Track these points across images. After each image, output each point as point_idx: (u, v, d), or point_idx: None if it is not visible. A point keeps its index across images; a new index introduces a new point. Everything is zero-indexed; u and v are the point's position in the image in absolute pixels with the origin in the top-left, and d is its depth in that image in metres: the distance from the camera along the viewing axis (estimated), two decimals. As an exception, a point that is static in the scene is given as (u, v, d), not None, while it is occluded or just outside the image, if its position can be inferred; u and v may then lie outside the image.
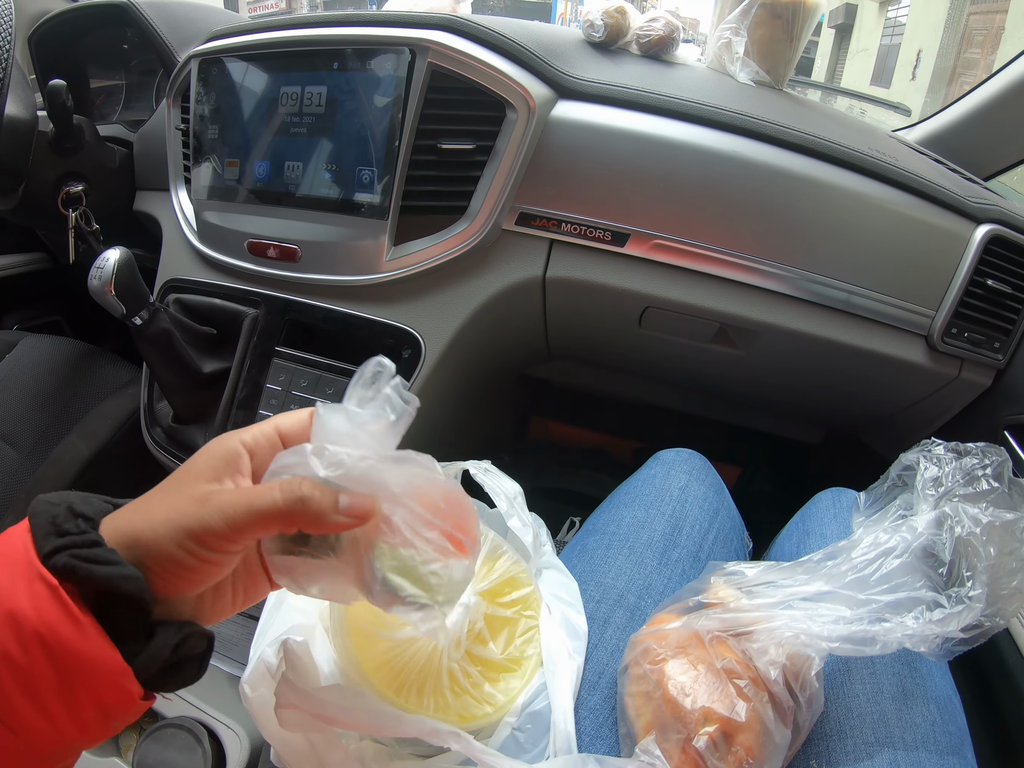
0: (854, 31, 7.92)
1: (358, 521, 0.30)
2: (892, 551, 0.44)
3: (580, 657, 0.49)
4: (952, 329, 0.69)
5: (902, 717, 0.44)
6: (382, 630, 0.45)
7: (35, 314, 1.22)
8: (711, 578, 0.47)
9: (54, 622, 0.26)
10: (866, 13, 7.69)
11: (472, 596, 0.48)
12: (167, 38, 0.90)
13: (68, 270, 1.21)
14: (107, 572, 0.26)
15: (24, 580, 0.26)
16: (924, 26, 6.36)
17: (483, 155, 0.67)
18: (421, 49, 0.65)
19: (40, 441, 0.86)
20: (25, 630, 0.25)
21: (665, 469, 0.63)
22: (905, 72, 6.51)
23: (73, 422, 0.88)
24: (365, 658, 0.43)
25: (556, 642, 0.49)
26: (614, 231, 0.68)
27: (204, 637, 0.30)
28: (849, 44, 7.91)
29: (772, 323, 0.69)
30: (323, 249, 0.72)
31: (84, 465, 0.83)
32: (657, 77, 0.74)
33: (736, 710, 0.40)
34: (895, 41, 7.08)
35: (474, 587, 0.49)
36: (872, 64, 7.39)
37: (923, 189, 0.68)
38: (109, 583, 0.26)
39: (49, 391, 0.91)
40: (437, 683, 0.44)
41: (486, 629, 0.49)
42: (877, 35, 7.51)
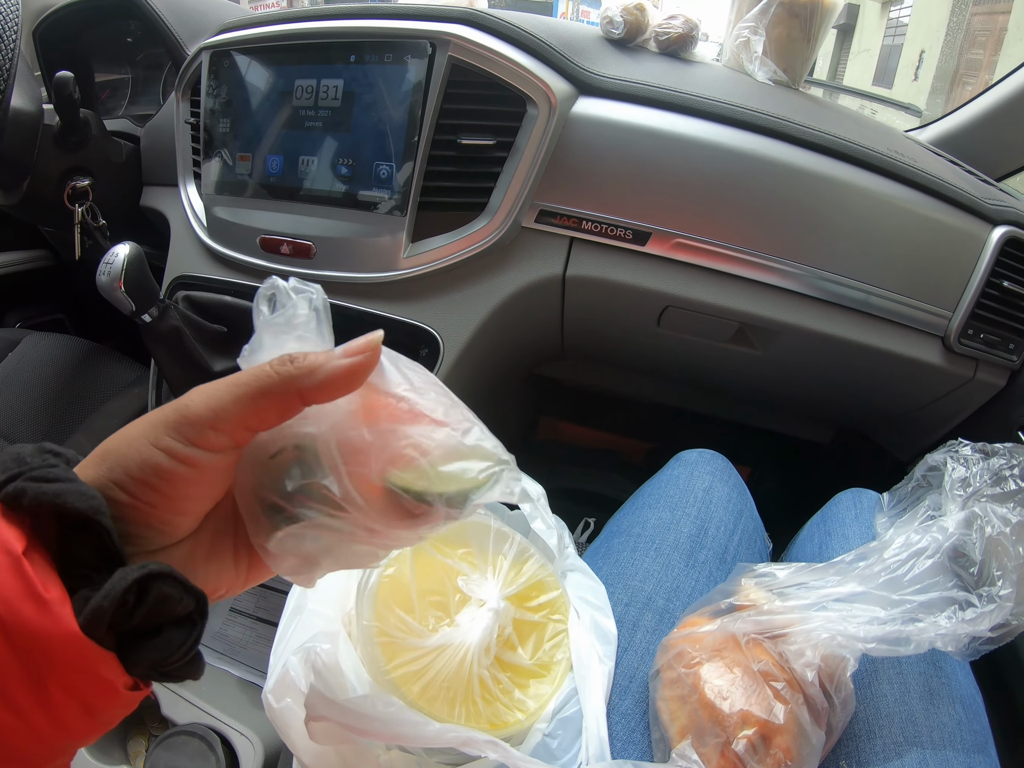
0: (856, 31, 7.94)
1: (366, 359, 0.25)
2: (924, 551, 0.44)
3: (610, 662, 0.48)
4: (968, 330, 0.69)
5: (929, 716, 0.44)
6: (411, 637, 0.44)
7: (38, 312, 1.20)
8: (741, 580, 0.47)
9: (13, 598, 0.20)
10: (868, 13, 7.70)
11: (501, 601, 0.47)
12: (176, 31, 0.88)
13: (71, 267, 1.20)
14: (56, 488, 0.22)
15: None
16: (926, 27, 6.38)
17: (503, 151, 0.65)
18: (442, 42, 0.64)
19: (44, 440, 0.84)
20: None
21: (688, 470, 0.62)
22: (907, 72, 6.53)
23: (78, 421, 0.86)
24: (393, 667, 0.42)
25: (586, 647, 0.49)
26: (635, 230, 0.67)
27: (183, 591, 0.23)
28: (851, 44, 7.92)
29: (791, 323, 0.68)
30: (338, 245, 0.70)
31: (90, 465, 0.81)
32: (676, 75, 0.73)
33: (774, 712, 0.40)
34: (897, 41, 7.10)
35: (502, 592, 0.48)
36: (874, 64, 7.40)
37: (941, 190, 0.67)
38: (57, 499, 0.21)
39: (53, 390, 0.89)
40: (468, 691, 0.43)
41: (515, 634, 0.48)
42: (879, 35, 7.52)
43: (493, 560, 0.51)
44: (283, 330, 0.28)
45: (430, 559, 0.49)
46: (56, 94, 0.79)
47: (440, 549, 0.49)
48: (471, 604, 0.47)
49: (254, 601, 0.88)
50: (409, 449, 0.26)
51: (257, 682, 0.78)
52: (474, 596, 0.48)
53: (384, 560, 0.37)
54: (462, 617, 0.47)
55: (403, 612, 0.45)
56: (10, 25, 0.66)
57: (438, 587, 0.48)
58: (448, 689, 0.42)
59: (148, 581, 0.22)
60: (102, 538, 0.22)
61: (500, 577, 0.50)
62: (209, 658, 0.82)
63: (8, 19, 0.66)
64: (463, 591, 0.48)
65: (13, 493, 0.22)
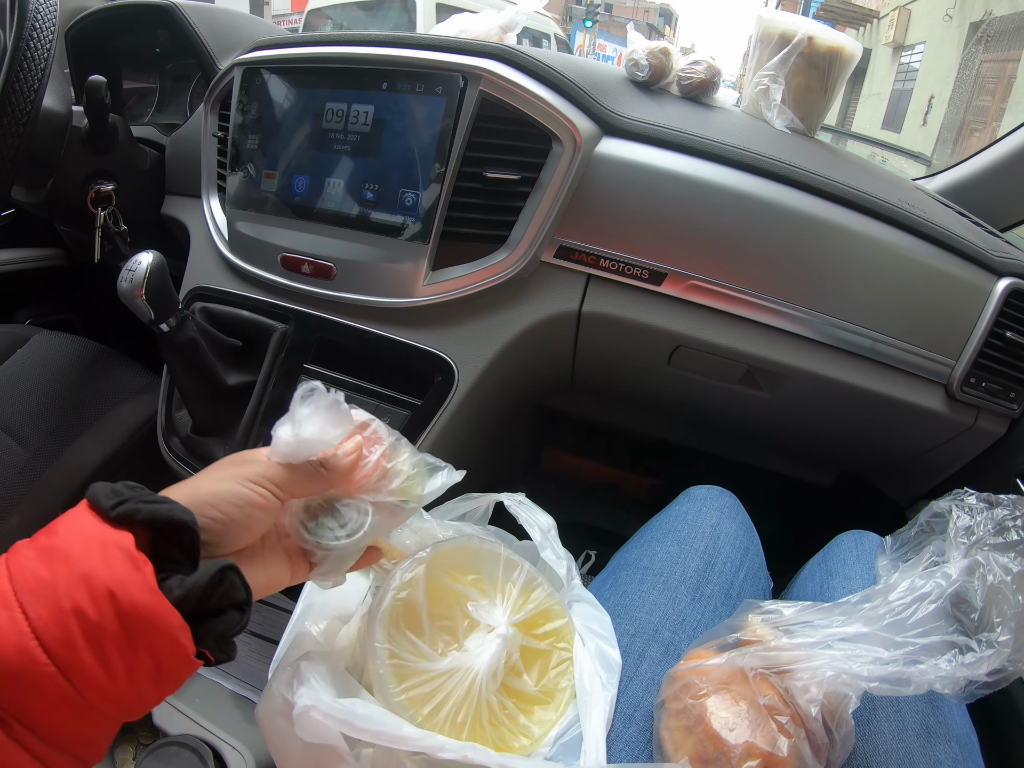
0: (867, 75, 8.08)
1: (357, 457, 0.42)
2: (927, 596, 0.45)
3: (613, 689, 0.49)
4: (971, 379, 0.70)
5: (926, 754, 0.45)
6: (421, 661, 0.44)
7: (48, 310, 1.20)
8: (748, 616, 0.48)
9: (125, 580, 0.29)
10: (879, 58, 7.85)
11: (509, 628, 0.47)
12: (209, 43, 0.89)
13: (84, 268, 1.20)
14: (165, 507, 0.31)
15: (97, 544, 0.29)
16: (936, 72, 6.50)
17: (527, 186, 0.67)
18: (473, 77, 0.65)
19: (49, 440, 0.84)
20: (97, 587, 0.28)
21: (697, 506, 0.63)
22: (916, 117, 6.64)
23: (85, 424, 0.86)
24: (403, 689, 0.43)
25: (589, 673, 0.49)
26: (652, 269, 0.68)
27: (243, 584, 0.33)
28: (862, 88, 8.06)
29: (799, 367, 0.70)
30: (359, 269, 0.71)
31: (96, 469, 0.81)
32: (698, 119, 0.75)
33: (778, 745, 0.41)
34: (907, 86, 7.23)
35: (510, 619, 0.49)
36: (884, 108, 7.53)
37: (949, 242, 0.69)
38: (170, 514, 0.31)
39: (61, 390, 0.90)
40: (476, 715, 0.44)
41: (521, 661, 0.48)
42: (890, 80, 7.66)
43: (502, 587, 0.52)
44: (312, 415, 0.40)
45: (441, 584, 0.49)
46: (88, 97, 0.80)
47: (451, 575, 0.50)
48: (480, 630, 0.48)
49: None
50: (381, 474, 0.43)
51: (250, 696, 0.78)
52: (483, 622, 0.48)
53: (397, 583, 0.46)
54: (471, 642, 0.47)
55: (414, 636, 0.46)
56: (47, 25, 0.67)
57: (448, 612, 0.49)
58: (456, 713, 0.43)
59: (225, 571, 0.32)
60: (191, 543, 0.32)
61: (509, 604, 0.50)
62: (202, 671, 0.81)
63: (46, 19, 0.67)
64: (472, 616, 0.49)
65: (127, 511, 0.31)
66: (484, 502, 0.64)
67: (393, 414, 0.69)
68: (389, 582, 0.47)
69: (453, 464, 0.75)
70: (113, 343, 1.02)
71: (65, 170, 0.85)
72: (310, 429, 0.39)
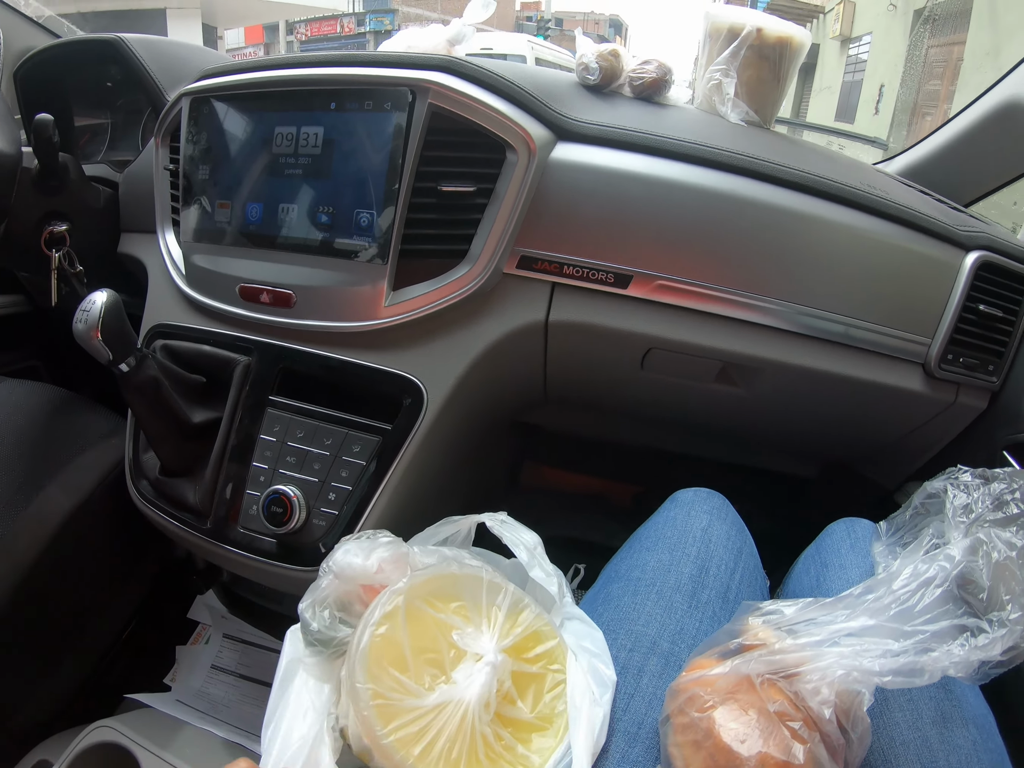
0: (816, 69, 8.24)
1: None
2: (932, 580, 0.44)
3: (606, 705, 0.47)
4: (948, 355, 0.70)
5: (944, 740, 0.44)
6: (407, 698, 0.42)
7: (12, 358, 1.17)
8: (748, 619, 0.46)
9: None
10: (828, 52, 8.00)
11: (498, 655, 0.46)
12: (157, 77, 0.88)
13: (47, 314, 1.17)
14: None
15: None
16: (885, 62, 6.64)
17: (483, 197, 0.66)
18: (421, 90, 0.64)
19: (18, 493, 0.82)
20: None
21: (685, 510, 0.62)
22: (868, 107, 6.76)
23: (52, 473, 0.83)
24: (391, 730, 0.41)
25: (581, 689, 0.48)
26: (617, 273, 0.67)
27: None
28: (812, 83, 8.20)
29: (774, 359, 0.69)
30: (319, 294, 0.70)
31: (66, 519, 0.78)
32: (652, 118, 0.74)
33: (793, 752, 0.39)
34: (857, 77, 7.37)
35: (498, 644, 0.47)
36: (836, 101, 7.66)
37: (915, 220, 0.69)
38: None
39: (27, 439, 0.87)
40: (471, 750, 0.42)
41: (514, 688, 0.47)
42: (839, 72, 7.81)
43: (487, 612, 0.50)
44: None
45: (422, 615, 0.47)
46: (36, 137, 0.78)
47: (432, 604, 0.48)
48: (467, 659, 0.46)
49: (236, 657, 0.85)
50: None
51: (242, 743, 0.75)
52: (470, 651, 0.47)
53: (375, 619, 0.44)
54: (458, 673, 0.45)
55: (397, 671, 0.44)
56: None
57: (432, 644, 0.47)
58: (450, 749, 0.41)
59: None
60: None
61: (496, 629, 0.49)
62: (191, 718, 0.79)
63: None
64: (458, 646, 0.47)
65: None
66: (465, 525, 0.62)
67: (364, 441, 0.67)
68: (367, 618, 0.46)
69: (430, 486, 0.75)
70: (80, 388, 1.00)
71: (17, 213, 0.83)
72: None
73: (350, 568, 0.49)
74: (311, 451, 0.68)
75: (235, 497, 0.70)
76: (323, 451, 0.68)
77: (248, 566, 0.70)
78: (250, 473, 0.70)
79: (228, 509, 0.70)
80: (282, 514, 0.66)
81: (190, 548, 0.77)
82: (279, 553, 0.68)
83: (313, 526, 0.67)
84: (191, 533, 0.72)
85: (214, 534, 0.71)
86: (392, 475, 0.66)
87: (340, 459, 0.68)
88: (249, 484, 0.70)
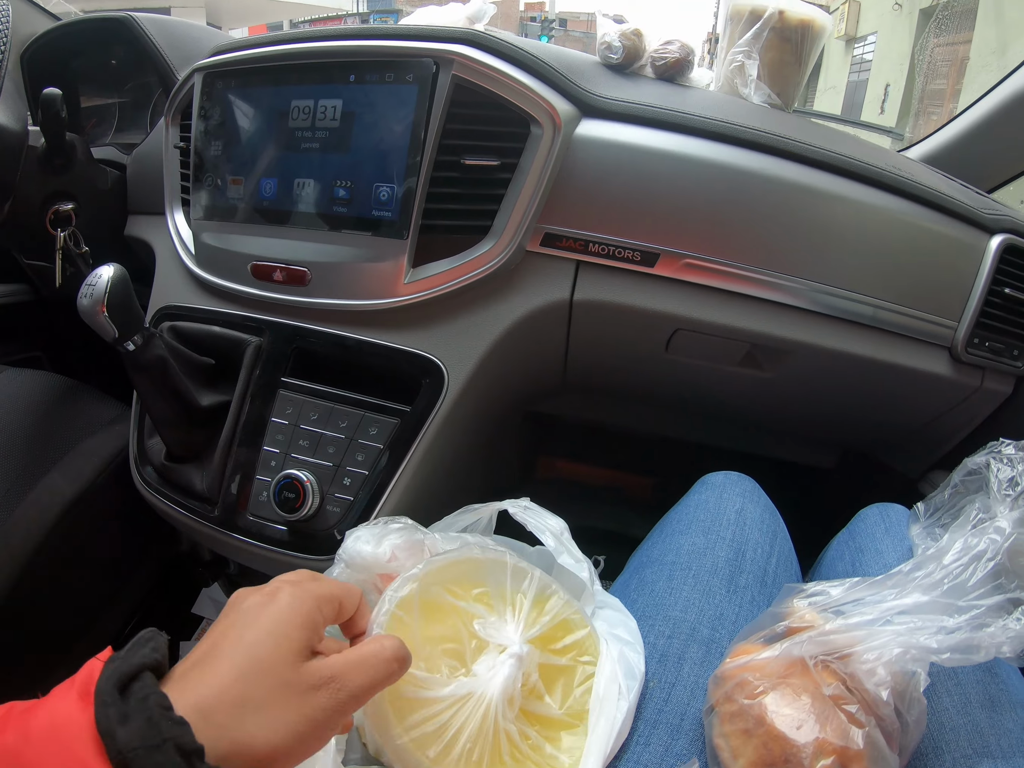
0: (822, 70, 8.28)
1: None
2: (983, 554, 0.43)
3: (633, 699, 0.44)
4: (974, 339, 0.70)
5: (995, 725, 0.43)
6: (423, 690, 0.39)
7: (14, 349, 1.15)
8: (793, 601, 0.44)
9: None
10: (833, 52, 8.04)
11: (523, 645, 0.42)
12: (168, 55, 0.86)
13: (51, 303, 1.15)
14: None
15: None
16: (890, 61, 6.67)
17: (507, 172, 0.63)
18: (445, 62, 0.62)
19: (19, 481, 0.79)
20: None
21: (717, 493, 0.60)
22: (874, 107, 6.78)
23: (54, 460, 0.81)
24: (406, 728, 0.38)
25: (608, 677, 0.44)
26: (643, 251, 0.65)
27: None
28: (817, 82, 8.24)
29: (802, 341, 0.67)
30: (335, 271, 0.67)
31: (67, 507, 0.75)
32: (676, 98, 0.72)
33: (851, 737, 0.37)
34: (862, 77, 7.40)
35: (524, 634, 0.44)
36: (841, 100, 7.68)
37: (940, 202, 0.68)
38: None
39: (29, 427, 0.84)
40: (495, 750, 0.39)
41: (541, 682, 0.43)
42: (844, 72, 7.85)
43: (512, 599, 0.46)
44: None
45: (440, 602, 0.44)
46: (43, 112, 0.76)
47: (451, 591, 0.45)
48: (490, 651, 0.43)
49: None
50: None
51: None
52: (493, 641, 0.43)
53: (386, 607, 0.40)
54: (480, 666, 0.42)
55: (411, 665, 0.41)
56: (0, 35, 0.63)
57: (451, 634, 0.43)
58: (471, 750, 0.38)
59: None
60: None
61: (521, 618, 0.45)
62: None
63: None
64: (480, 636, 0.43)
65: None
66: (486, 512, 0.59)
67: (382, 423, 0.65)
68: (379, 608, 0.42)
69: (448, 474, 0.72)
70: (84, 380, 0.97)
71: (22, 192, 0.81)
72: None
73: (360, 556, 0.46)
74: (325, 434, 0.66)
75: (245, 483, 0.67)
76: (338, 434, 0.65)
77: (258, 555, 0.67)
78: (261, 458, 0.67)
79: (237, 496, 0.67)
80: (294, 500, 0.63)
81: (196, 537, 0.75)
82: (291, 541, 0.65)
83: (327, 512, 0.64)
84: (198, 521, 0.70)
85: (222, 522, 0.68)
86: (411, 459, 0.64)
87: (356, 442, 0.65)
88: (260, 469, 0.67)
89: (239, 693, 0.26)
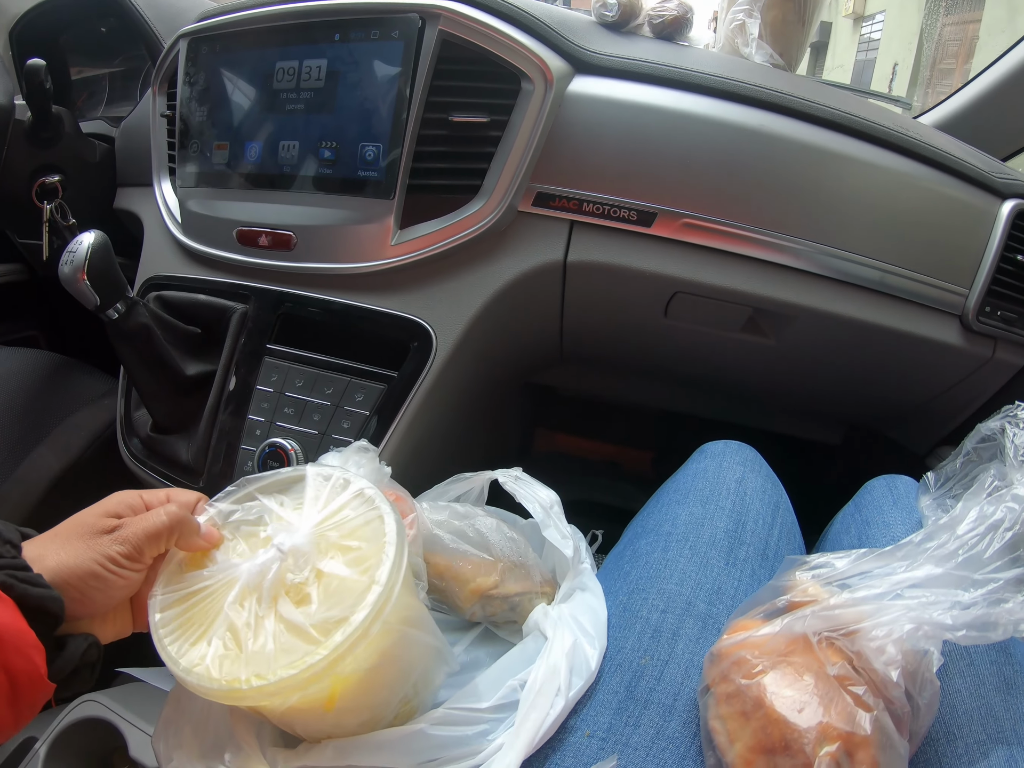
0: (829, 48, 8.14)
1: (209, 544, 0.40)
2: (1000, 523, 0.39)
3: (573, 697, 0.41)
4: (986, 307, 0.67)
5: (1009, 709, 0.40)
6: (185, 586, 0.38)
7: (10, 328, 1.14)
8: (795, 574, 0.41)
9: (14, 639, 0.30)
10: (840, 30, 7.91)
11: (295, 537, 0.38)
12: (155, 26, 0.85)
13: (46, 282, 1.14)
14: (39, 593, 0.32)
15: None
16: (898, 40, 6.56)
17: (497, 129, 0.61)
18: (431, 16, 0.60)
19: (10, 457, 0.78)
20: None
21: (716, 462, 0.57)
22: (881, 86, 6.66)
23: (43, 434, 0.80)
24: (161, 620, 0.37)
25: (551, 670, 0.41)
26: (640, 210, 0.62)
27: (99, 648, 0.36)
28: (825, 61, 8.11)
29: (807, 305, 0.65)
30: (321, 234, 0.65)
31: (55, 480, 0.75)
32: (674, 55, 0.70)
33: (858, 721, 0.34)
34: (870, 56, 7.28)
35: (313, 530, 0.39)
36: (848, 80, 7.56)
37: (950, 164, 0.66)
38: (40, 602, 0.32)
39: (20, 403, 0.83)
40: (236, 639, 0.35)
41: (318, 589, 0.37)
42: (852, 51, 7.73)
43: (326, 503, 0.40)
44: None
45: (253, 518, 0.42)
46: (27, 83, 0.75)
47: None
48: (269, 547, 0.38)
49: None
50: None
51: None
52: (273, 537, 0.38)
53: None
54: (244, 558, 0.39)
55: (196, 570, 0.39)
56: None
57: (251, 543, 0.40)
58: (198, 624, 0.36)
59: (88, 649, 0.35)
60: (55, 623, 0.33)
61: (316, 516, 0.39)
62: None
63: None
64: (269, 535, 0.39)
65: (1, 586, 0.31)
66: (478, 482, 0.57)
67: (368, 389, 0.63)
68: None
69: (438, 442, 0.70)
70: (80, 358, 0.96)
71: (9, 165, 0.80)
72: None
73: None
74: (311, 401, 0.64)
75: (230, 452, 0.66)
76: (323, 401, 0.64)
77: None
78: (246, 426, 0.65)
79: (222, 465, 0.66)
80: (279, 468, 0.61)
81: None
82: (276, 511, 0.64)
83: (313, 481, 0.62)
84: (184, 493, 0.68)
85: (208, 493, 0.66)
86: (397, 425, 0.62)
87: (341, 409, 0.63)
88: (244, 438, 0.65)
89: (53, 533, 0.37)
